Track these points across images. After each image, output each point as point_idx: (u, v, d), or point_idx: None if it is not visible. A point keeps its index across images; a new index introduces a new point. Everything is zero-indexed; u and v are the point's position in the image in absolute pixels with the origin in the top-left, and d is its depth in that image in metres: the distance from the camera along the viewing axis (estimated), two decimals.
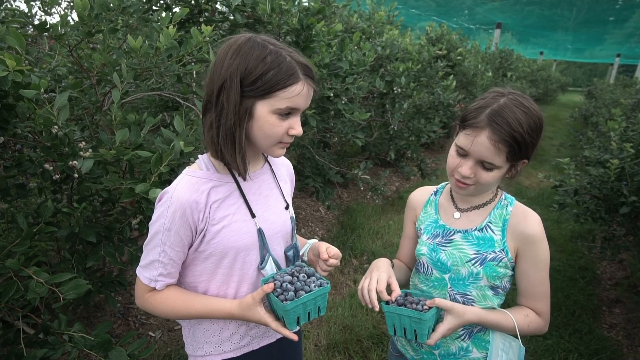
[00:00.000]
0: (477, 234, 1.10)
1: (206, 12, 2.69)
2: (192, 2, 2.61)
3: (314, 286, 0.96)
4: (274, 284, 0.95)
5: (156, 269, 0.97)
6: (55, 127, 1.40)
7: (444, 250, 1.13)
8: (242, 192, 1.01)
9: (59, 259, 1.71)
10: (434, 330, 1.03)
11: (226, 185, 1.00)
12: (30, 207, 1.99)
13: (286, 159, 1.23)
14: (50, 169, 1.49)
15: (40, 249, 1.60)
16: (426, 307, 1.02)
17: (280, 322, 0.95)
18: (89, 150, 1.46)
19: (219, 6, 2.77)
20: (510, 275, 1.11)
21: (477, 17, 15.84)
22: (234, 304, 0.98)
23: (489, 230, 1.10)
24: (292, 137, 0.96)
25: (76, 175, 1.48)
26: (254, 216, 1.01)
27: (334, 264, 1.07)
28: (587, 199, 2.76)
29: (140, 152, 1.45)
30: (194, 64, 2.01)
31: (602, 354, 2.47)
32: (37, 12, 2.69)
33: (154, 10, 2.59)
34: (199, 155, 1.04)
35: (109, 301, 1.81)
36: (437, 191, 1.25)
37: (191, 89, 2.08)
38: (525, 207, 1.12)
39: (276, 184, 1.12)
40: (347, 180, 4.71)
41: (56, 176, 1.51)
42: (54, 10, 2.70)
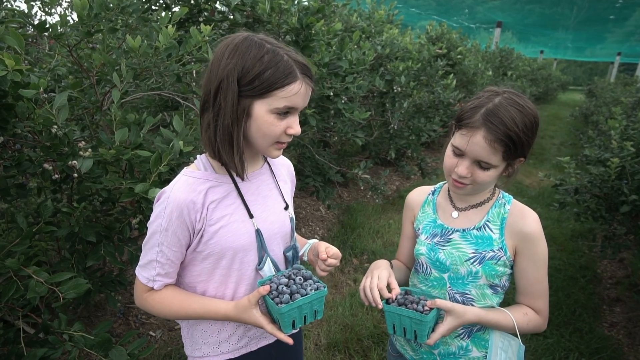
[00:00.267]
0: (475, 233, 1.11)
1: (205, 12, 2.69)
2: (192, 1, 2.61)
3: (310, 289, 0.95)
4: (270, 287, 0.94)
5: (154, 268, 0.97)
6: (54, 126, 1.40)
7: (443, 249, 1.14)
8: (240, 193, 1.00)
9: (59, 259, 1.71)
10: (433, 330, 1.03)
11: (224, 185, 0.99)
12: (30, 206, 1.99)
13: (287, 159, 1.22)
14: (50, 168, 1.49)
15: (40, 248, 1.60)
16: (427, 309, 1.02)
17: (275, 324, 0.95)
18: (89, 150, 1.46)
19: (218, 5, 2.77)
20: (509, 273, 1.12)
21: (478, 16, 15.82)
22: (230, 305, 0.97)
23: (487, 229, 1.10)
24: (291, 137, 0.95)
25: (76, 175, 1.48)
26: (251, 217, 1.01)
27: (333, 264, 1.06)
28: (587, 197, 2.76)
29: (139, 152, 1.45)
30: (193, 63, 2.01)
31: (602, 352, 2.47)
32: (37, 12, 2.69)
33: (154, 9, 2.60)
34: (198, 155, 1.03)
35: (109, 301, 1.82)
36: (434, 191, 1.26)
37: (191, 89, 2.08)
38: (522, 206, 1.12)
39: (275, 184, 1.11)
40: (347, 179, 4.71)
41: (56, 176, 1.51)
42: (54, 10, 2.70)
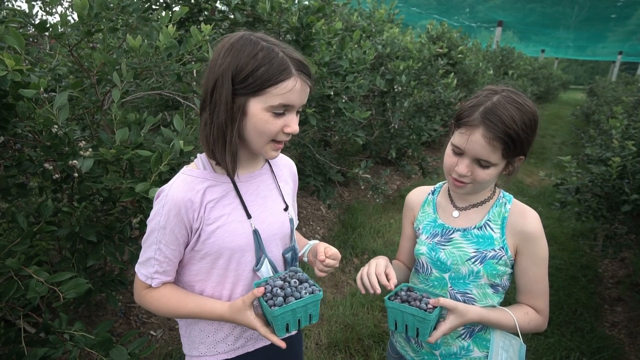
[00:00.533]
0: (476, 232, 1.10)
1: (206, 11, 2.69)
2: (192, 1, 2.61)
3: (305, 293, 0.94)
4: (265, 289, 0.93)
5: (152, 266, 0.97)
6: (55, 126, 1.40)
7: (444, 249, 1.13)
8: (239, 193, 1.00)
9: (59, 258, 1.71)
10: (435, 328, 1.03)
11: (222, 185, 0.99)
12: (30, 206, 1.99)
13: (289, 159, 1.22)
14: (50, 168, 1.49)
15: (41, 248, 1.60)
16: (430, 307, 1.01)
17: (270, 327, 0.94)
18: (89, 149, 1.46)
19: (218, 5, 2.77)
20: (510, 273, 1.11)
21: (479, 15, 15.81)
22: (225, 306, 0.96)
23: (488, 228, 1.10)
24: (288, 136, 0.94)
25: (76, 174, 1.49)
26: (249, 217, 1.00)
27: (332, 264, 1.05)
28: (588, 197, 2.75)
29: (140, 152, 1.45)
30: (193, 63, 2.01)
31: (603, 352, 2.46)
32: (37, 11, 2.69)
33: (154, 9, 2.59)
34: (198, 154, 1.03)
35: (110, 300, 1.82)
36: (434, 190, 1.25)
37: (191, 88, 2.08)
38: (523, 205, 1.12)
39: (276, 184, 1.10)
40: (347, 179, 4.70)
41: (56, 175, 1.51)
42: (54, 10, 2.70)
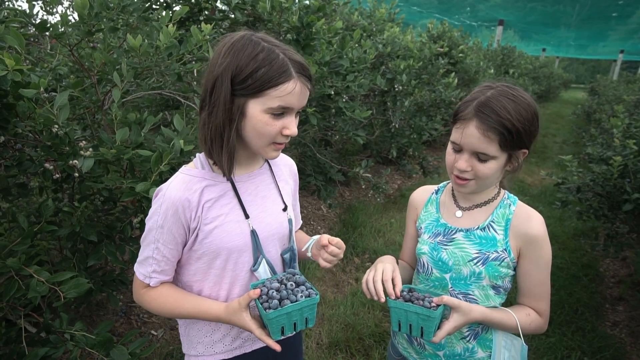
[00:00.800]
0: (479, 233, 1.09)
1: (206, 11, 2.69)
2: (192, 0, 2.61)
3: (301, 296, 0.92)
4: (261, 290, 0.92)
5: (150, 265, 0.97)
6: (55, 126, 1.40)
7: (445, 249, 1.12)
8: (237, 193, 1.00)
9: (60, 258, 1.71)
10: (439, 328, 1.02)
11: (220, 184, 0.98)
12: (31, 206, 1.99)
13: (289, 158, 1.21)
14: (50, 168, 1.49)
15: (41, 248, 1.60)
16: (434, 305, 1.00)
17: (265, 329, 0.92)
18: (90, 149, 1.46)
19: (219, 4, 2.77)
20: (512, 275, 1.11)
21: (479, 14, 15.80)
22: (221, 307, 0.96)
23: (491, 229, 1.09)
24: (287, 138, 0.94)
25: (77, 174, 1.48)
26: (247, 217, 0.99)
27: (336, 252, 1.02)
28: (589, 196, 2.75)
29: (140, 151, 1.45)
30: (194, 62, 2.01)
31: (605, 351, 2.46)
32: (38, 11, 2.69)
33: (154, 8, 2.59)
34: (197, 153, 1.03)
35: (110, 300, 1.82)
36: (438, 190, 1.25)
37: (191, 88, 2.08)
38: (528, 207, 1.11)
39: (275, 184, 1.10)
40: (348, 178, 4.70)
41: (57, 175, 1.51)
42: (55, 9, 2.70)
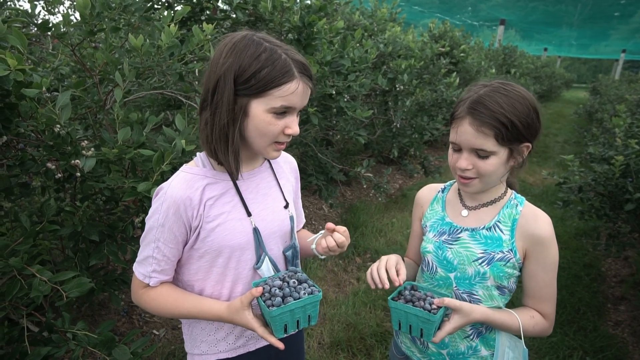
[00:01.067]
0: (485, 233, 1.09)
1: (208, 10, 2.69)
2: (194, 0, 2.61)
3: (304, 293, 0.92)
4: (263, 288, 0.92)
5: (150, 265, 0.96)
6: (57, 126, 1.40)
7: (451, 248, 1.12)
8: (239, 190, 0.99)
9: (62, 258, 1.72)
10: (439, 327, 1.01)
11: (222, 182, 0.98)
12: (33, 206, 1.99)
13: (289, 155, 1.21)
14: (53, 167, 1.49)
15: (43, 247, 1.61)
16: (434, 307, 0.99)
17: (268, 328, 0.92)
18: (92, 149, 1.47)
19: (220, 4, 2.77)
20: (517, 275, 1.10)
21: (481, 14, 15.80)
22: (223, 306, 0.95)
23: (497, 229, 1.08)
24: (289, 137, 0.94)
25: (79, 174, 1.49)
26: (249, 215, 0.99)
27: (341, 240, 1.00)
28: (591, 196, 2.74)
29: (142, 151, 1.45)
30: (195, 62, 2.01)
31: (607, 351, 2.46)
32: (40, 11, 2.70)
33: (156, 8, 2.60)
34: (197, 152, 1.03)
35: (112, 299, 1.82)
36: (444, 188, 1.24)
37: (193, 88, 2.08)
38: (535, 208, 1.10)
39: (276, 182, 1.10)
40: (350, 178, 4.70)
41: (59, 175, 1.51)
42: (57, 9, 2.71)
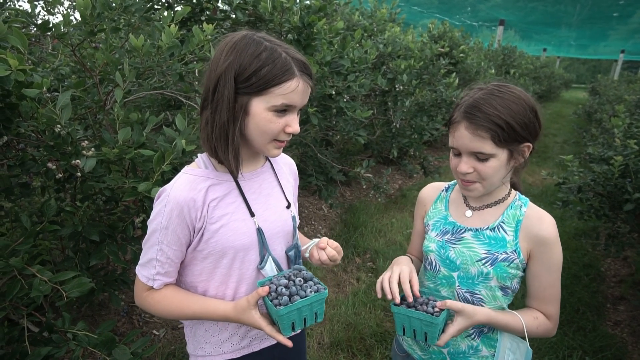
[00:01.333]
0: (488, 234, 1.09)
1: (208, 11, 2.69)
2: (194, 0, 2.61)
3: (310, 291, 0.93)
4: (270, 288, 0.92)
5: (154, 267, 0.96)
6: (58, 126, 1.40)
7: (454, 247, 1.12)
8: (241, 191, 1.00)
9: (62, 258, 1.72)
10: (443, 330, 1.02)
11: (225, 183, 0.98)
12: (33, 206, 1.99)
13: (289, 157, 1.22)
14: (53, 168, 1.49)
15: (44, 247, 1.61)
16: (437, 310, 1.00)
17: (275, 326, 0.93)
18: (92, 149, 1.47)
19: (220, 4, 2.78)
20: (520, 276, 1.09)
21: (480, 14, 15.81)
22: (229, 306, 0.95)
23: (501, 230, 1.08)
24: (289, 135, 0.94)
25: (79, 174, 1.49)
26: (253, 215, 1.00)
27: (332, 254, 1.03)
28: (590, 196, 2.74)
29: (142, 151, 1.45)
30: (196, 62, 2.01)
31: (606, 351, 2.46)
32: (40, 11, 2.70)
33: (156, 9, 2.60)
34: (199, 153, 1.03)
35: (112, 300, 1.82)
36: (448, 188, 1.24)
37: (193, 88, 2.08)
38: (540, 209, 1.10)
39: (277, 182, 1.10)
40: (349, 178, 4.70)
41: (59, 175, 1.51)
42: (56, 9, 2.71)
